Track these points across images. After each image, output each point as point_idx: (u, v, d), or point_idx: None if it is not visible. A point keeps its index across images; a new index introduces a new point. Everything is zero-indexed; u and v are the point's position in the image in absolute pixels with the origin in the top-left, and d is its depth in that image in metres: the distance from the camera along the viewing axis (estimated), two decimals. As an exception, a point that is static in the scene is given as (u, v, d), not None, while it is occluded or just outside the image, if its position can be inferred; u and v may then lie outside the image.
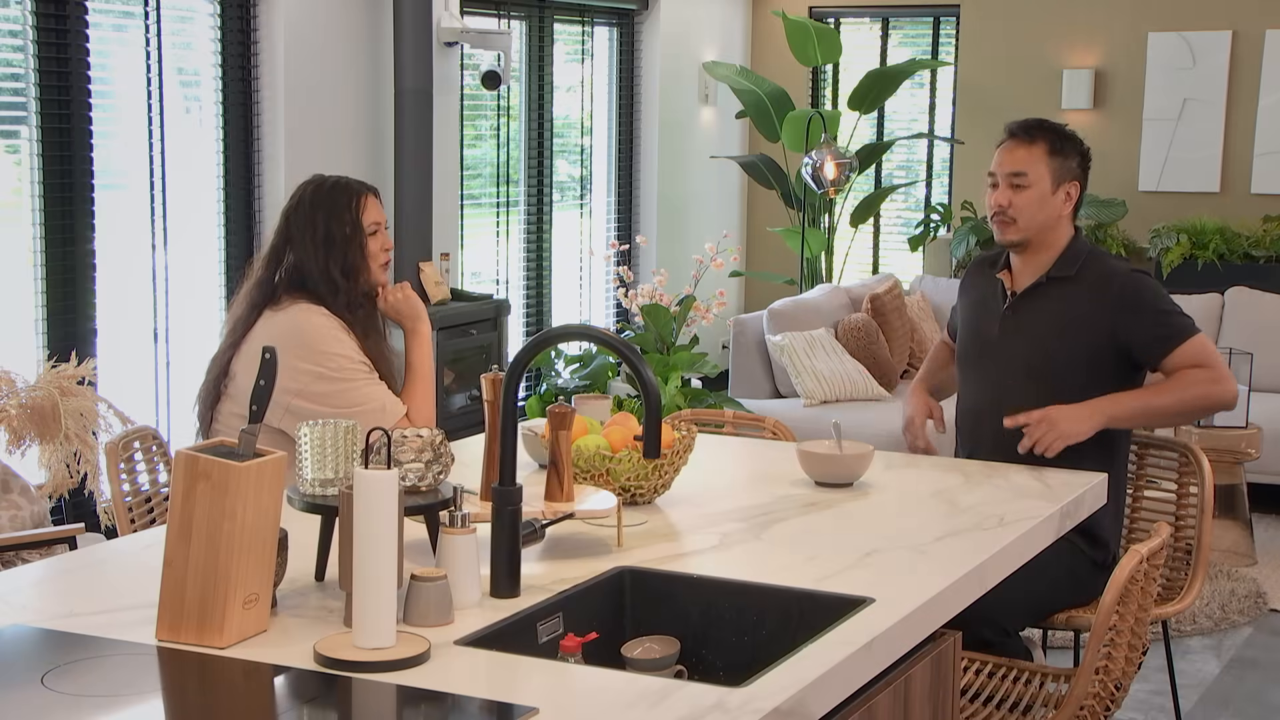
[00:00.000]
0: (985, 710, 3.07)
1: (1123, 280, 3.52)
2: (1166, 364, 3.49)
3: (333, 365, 3.33)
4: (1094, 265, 3.57)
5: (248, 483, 2.16)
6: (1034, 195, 3.53)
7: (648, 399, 2.42)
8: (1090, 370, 3.52)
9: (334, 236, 3.39)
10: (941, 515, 3.02)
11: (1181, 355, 3.47)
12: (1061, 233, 3.59)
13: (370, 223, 3.44)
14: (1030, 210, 3.53)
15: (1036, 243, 3.58)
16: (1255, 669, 5.08)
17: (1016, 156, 3.55)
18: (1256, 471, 6.66)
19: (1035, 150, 3.54)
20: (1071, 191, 3.56)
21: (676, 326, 7.22)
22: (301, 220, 3.41)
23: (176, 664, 2.12)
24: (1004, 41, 8.71)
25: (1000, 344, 3.62)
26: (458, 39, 6.94)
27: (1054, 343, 3.54)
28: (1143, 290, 3.52)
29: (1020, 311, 3.60)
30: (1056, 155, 3.55)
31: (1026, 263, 3.62)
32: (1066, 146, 3.58)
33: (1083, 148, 3.63)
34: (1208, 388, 3.45)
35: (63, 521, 5.09)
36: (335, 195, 3.43)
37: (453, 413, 6.62)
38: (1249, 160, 8.19)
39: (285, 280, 3.41)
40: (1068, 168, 3.56)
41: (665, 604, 2.57)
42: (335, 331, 3.36)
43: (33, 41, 5.22)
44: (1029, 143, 3.55)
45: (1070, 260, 3.57)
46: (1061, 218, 3.57)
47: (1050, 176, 3.53)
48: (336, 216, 3.40)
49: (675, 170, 8.78)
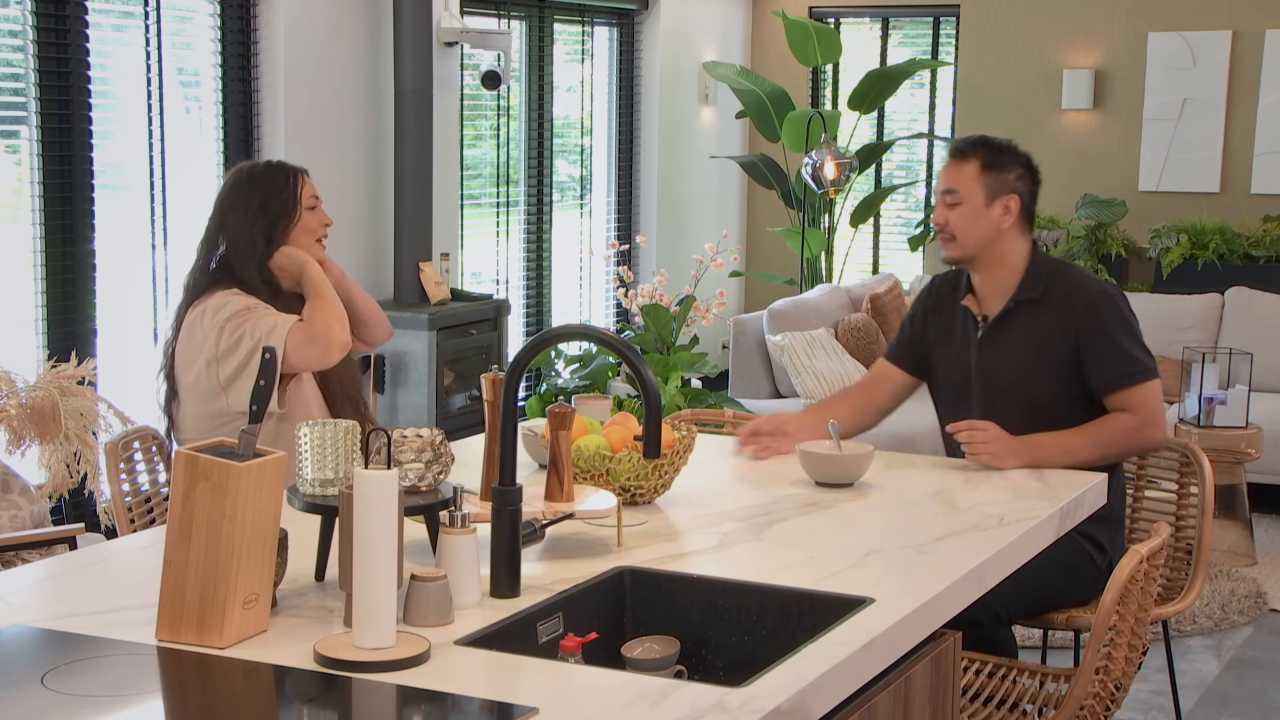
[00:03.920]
0: (985, 710, 3.07)
1: (1089, 301, 3.52)
2: (1111, 400, 3.51)
3: (228, 320, 3.35)
4: (1060, 284, 3.56)
5: (248, 483, 2.16)
6: (967, 211, 3.54)
7: (648, 399, 2.42)
8: (1070, 387, 3.53)
9: (270, 207, 3.45)
10: (941, 515, 3.02)
11: (1125, 398, 3.49)
12: (1012, 248, 3.58)
13: (309, 198, 3.50)
14: (965, 226, 3.54)
15: (986, 259, 3.58)
16: (1255, 669, 5.09)
17: (949, 174, 3.59)
18: (1256, 471, 6.66)
19: (967, 167, 3.57)
20: (1010, 205, 3.55)
21: (676, 326, 7.22)
22: (238, 198, 3.45)
23: (176, 664, 2.12)
24: (1004, 41, 8.71)
25: (980, 374, 3.60)
26: (458, 39, 6.94)
27: (1031, 367, 3.54)
28: (1108, 318, 3.51)
29: (995, 340, 3.59)
30: (990, 170, 3.55)
31: (987, 283, 3.61)
32: (1002, 161, 3.58)
33: (1024, 160, 3.61)
34: (1128, 437, 3.48)
35: (63, 521, 5.09)
36: (272, 173, 3.50)
37: (453, 413, 6.62)
38: (1249, 160, 8.19)
39: (218, 267, 3.45)
40: (1003, 181, 3.55)
41: (665, 604, 2.57)
42: (231, 297, 3.37)
43: (33, 41, 5.22)
44: (961, 161, 3.58)
45: (1034, 280, 3.57)
46: (1002, 232, 3.55)
47: (983, 192, 3.54)
48: (275, 191, 3.47)
49: (675, 170, 8.78)
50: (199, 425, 3.37)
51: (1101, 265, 8.17)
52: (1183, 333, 7.66)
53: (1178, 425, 6.47)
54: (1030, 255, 3.61)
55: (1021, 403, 3.54)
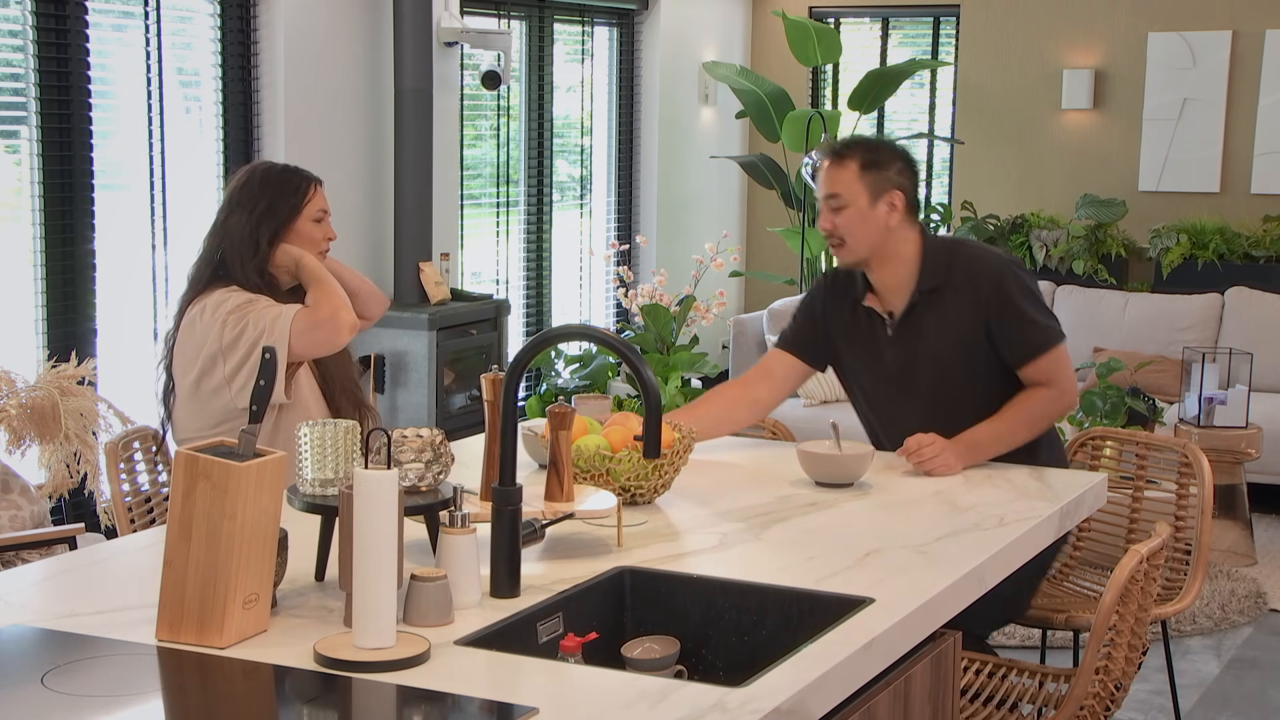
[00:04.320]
0: (985, 710, 3.07)
1: (993, 282, 3.50)
2: (1024, 371, 3.52)
3: (230, 314, 3.34)
4: (959, 267, 3.54)
5: (248, 483, 2.16)
6: (853, 214, 3.50)
7: (648, 399, 2.42)
8: (989, 363, 3.52)
9: (276, 210, 3.44)
10: (941, 515, 3.02)
11: (1036, 368, 3.50)
12: (903, 240, 3.54)
13: (316, 210, 3.49)
14: (853, 229, 3.50)
15: (880, 258, 3.54)
16: (1255, 669, 5.09)
17: (829, 179, 3.53)
18: (1256, 471, 6.66)
19: (847, 170, 3.52)
20: (895, 201, 3.50)
21: (676, 326, 7.23)
22: (245, 197, 3.45)
23: (176, 664, 2.12)
24: (1004, 41, 8.71)
25: (899, 371, 3.58)
26: (458, 39, 6.94)
27: (950, 355, 3.53)
28: (1013, 292, 3.50)
29: (906, 336, 3.57)
30: (870, 170, 3.51)
31: (886, 281, 3.57)
32: (880, 158, 3.53)
33: (901, 154, 3.58)
34: (1050, 408, 3.52)
35: (63, 521, 5.09)
36: (287, 177, 3.49)
37: (453, 413, 6.62)
38: (1249, 160, 8.19)
39: (218, 264, 3.45)
40: (885, 179, 3.51)
41: (665, 604, 2.57)
42: (231, 294, 3.37)
43: (33, 41, 5.22)
44: (840, 164, 3.53)
45: (932, 269, 3.54)
46: (891, 229, 3.51)
47: (866, 192, 3.49)
48: (284, 196, 3.46)
49: (675, 170, 8.78)
50: (195, 421, 3.37)
51: (1101, 265, 8.17)
52: (1183, 333, 7.66)
53: (1178, 425, 6.47)
54: (922, 245, 3.56)
55: (945, 390, 3.53)
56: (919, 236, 3.57)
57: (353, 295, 3.57)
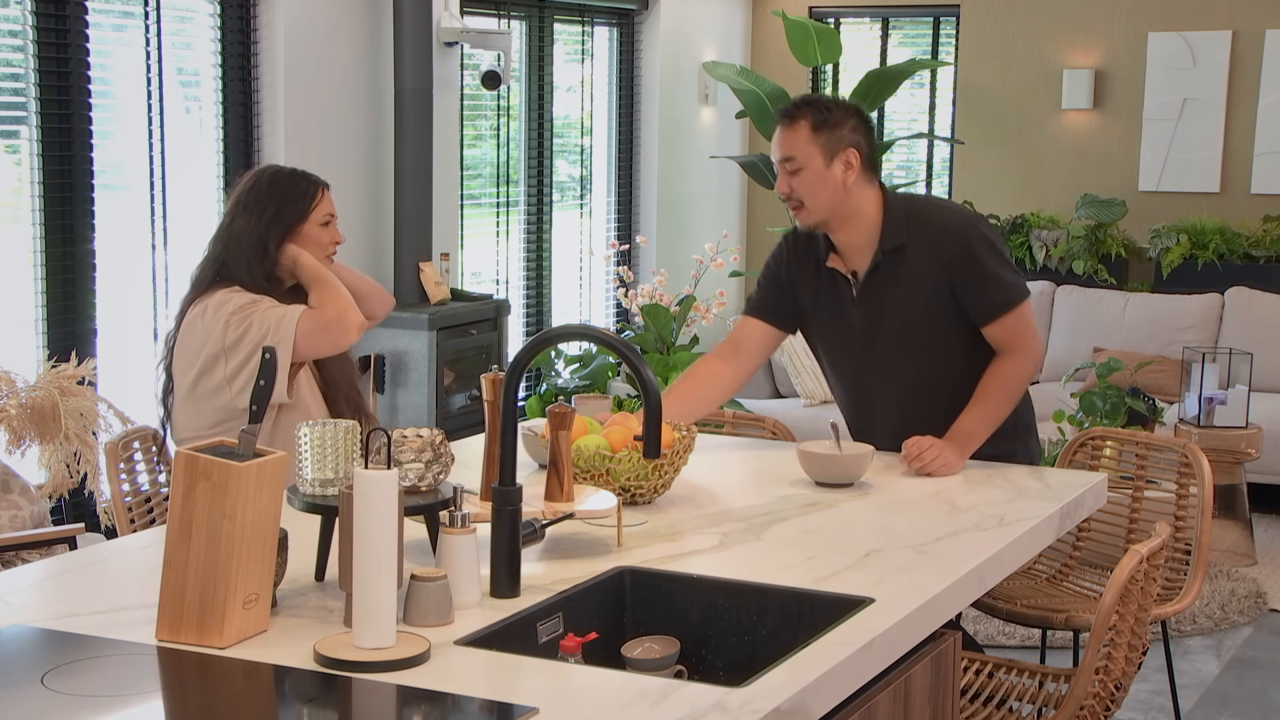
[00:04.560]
0: (984, 710, 3.07)
1: (958, 240, 3.47)
2: (989, 329, 3.51)
3: (233, 314, 3.34)
4: (921, 223, 3.50)
5: (248, 483, 2.16)
6: (809, 176, 3.45)
7: (648, 399, 2.42)
8: (956, 320, 3.51)
9: (284, 214, 3.44)
10: (941, 515, 3.02)
11: (1001, 326, 3.49)
12: (863, 199, 3.49)
13: (324, 214, 3.49)
14: (811, 190, 3.46)
15: (840, 218, 3.50)
16: (1255, 669, 5.09)
17: (783, 141, 3.48)
18: (1256, 471, 6.67)
19: (799, 132, 3.46)
20: (851, 160, 3.45)
21: (676, 326, 7.22)
22: (252, 200, 3.44)
23: (176, 664, 2.12)
24: (1004, 41, 8.71)
25: (866, 331, 3.55)
26: (458, 39, 6.94)
27: (920, 314, 3.50)
28: (979, 250, 3.48)
29: (871, 296, 3.53)
30: (822, 129, 3.45)
31: (848, 241, 3.53)
32: (833, 117, 3.47)
33: (855, 110, 3.53)
34: (1024, 374, 3.53)
35: (63, 521, 5.09)
36: (295, 182, 3.49)
37: (453, 413, 6.62)
38: (1249, 160, 8.18)
39: (222, 266, 3.45)
40: (838, 138, 3.46)
41: (665, 604, 2.57)
42: (233, 295, 3.37)
43: (33, 41, 5.22)
44: (791, 125, 3.47)
45: (894, 227, 3.50)
46: (849, 188, 3.46)
47: (821, 153, 3.44)
48: (292, 200, 3.46)
49: (675, 170, 8.78)
50: (194, 421, 3.37)
51: (1101, 265, 8.17)
52: (1183, 333, 7.66)
53: (1178, 425, 6.47)
54: (883, 203, 3.53)
55: (915, 349, 3.52)
56: (879, 194, 3.53)
57: (357, 296, 3.57)
